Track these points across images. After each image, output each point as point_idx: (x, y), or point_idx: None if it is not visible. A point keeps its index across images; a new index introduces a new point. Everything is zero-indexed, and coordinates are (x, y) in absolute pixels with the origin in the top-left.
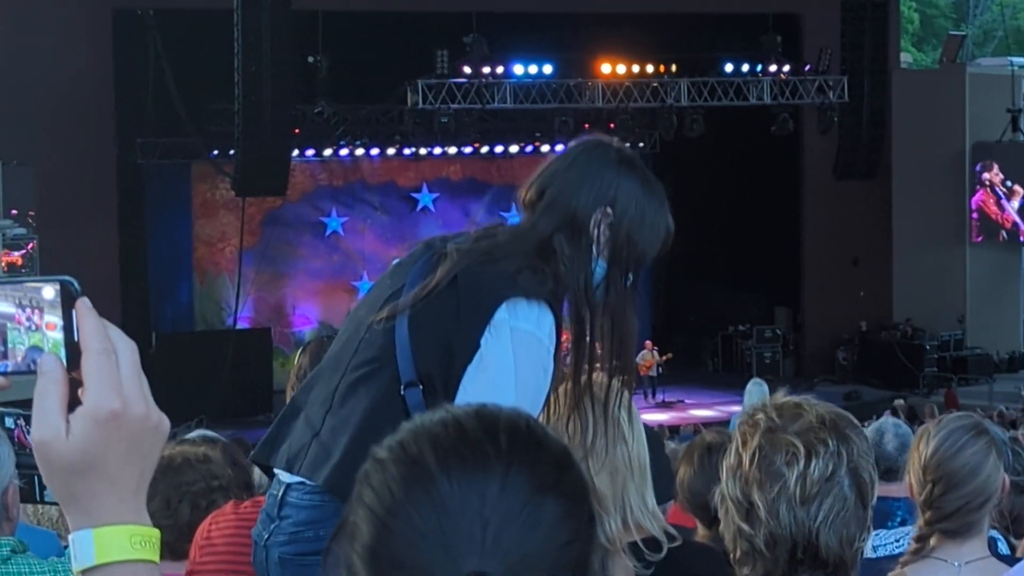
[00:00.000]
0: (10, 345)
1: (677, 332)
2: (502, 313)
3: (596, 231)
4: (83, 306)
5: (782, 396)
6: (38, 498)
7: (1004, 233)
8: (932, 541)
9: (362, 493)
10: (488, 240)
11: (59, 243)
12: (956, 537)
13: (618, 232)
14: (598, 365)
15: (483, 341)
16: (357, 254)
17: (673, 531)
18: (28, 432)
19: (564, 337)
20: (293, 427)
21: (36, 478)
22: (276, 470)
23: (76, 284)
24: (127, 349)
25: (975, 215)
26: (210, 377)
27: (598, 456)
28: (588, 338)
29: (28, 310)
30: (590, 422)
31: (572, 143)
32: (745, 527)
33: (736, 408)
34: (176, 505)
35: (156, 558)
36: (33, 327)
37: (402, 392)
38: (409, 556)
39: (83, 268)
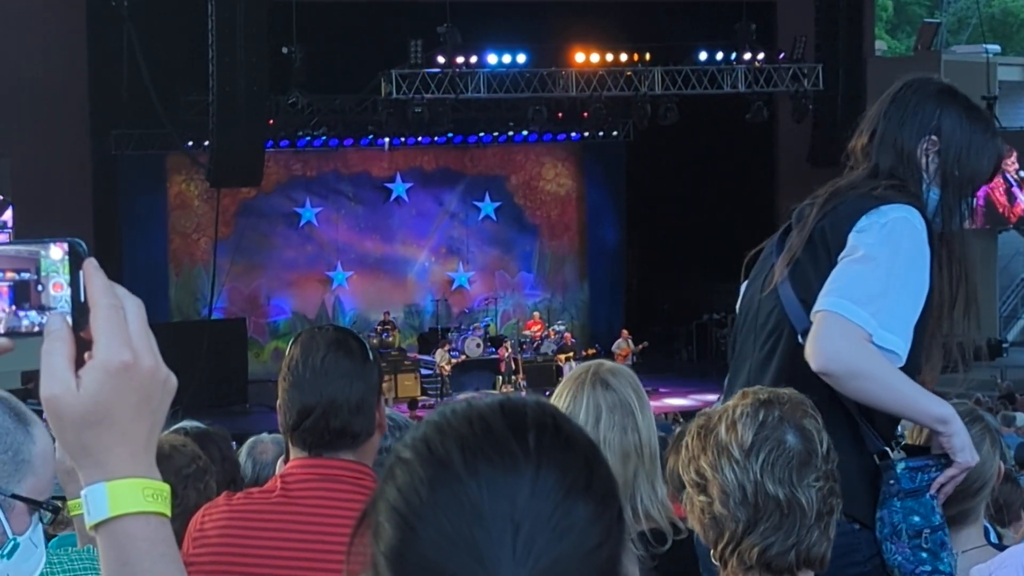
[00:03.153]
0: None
1: (651, 321)
2: (864, 220)
3: (924, 160)
4: (91, 266)
5: None
6: None
7: (1012, 227)
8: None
9: (386, 491)
10: (834, 189)
11: (34, 234)
12: (954, 525)
13: (946, 158)
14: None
15: (849, 239)
16: (331, 244)
17: (680, 523)
18: None
19: None
20: None
21: None
22: None
23: (84, 245)
24: (135, 306)
25: (980, 203)
26: (186, 368)
27: (610, 443)
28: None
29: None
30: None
31: (895, 84)
32: (703, 499)
33: (711, 397)
34: (182, 492)
35: (168, 512)
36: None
37: (801, 341)
38: (438, 562)
39: None
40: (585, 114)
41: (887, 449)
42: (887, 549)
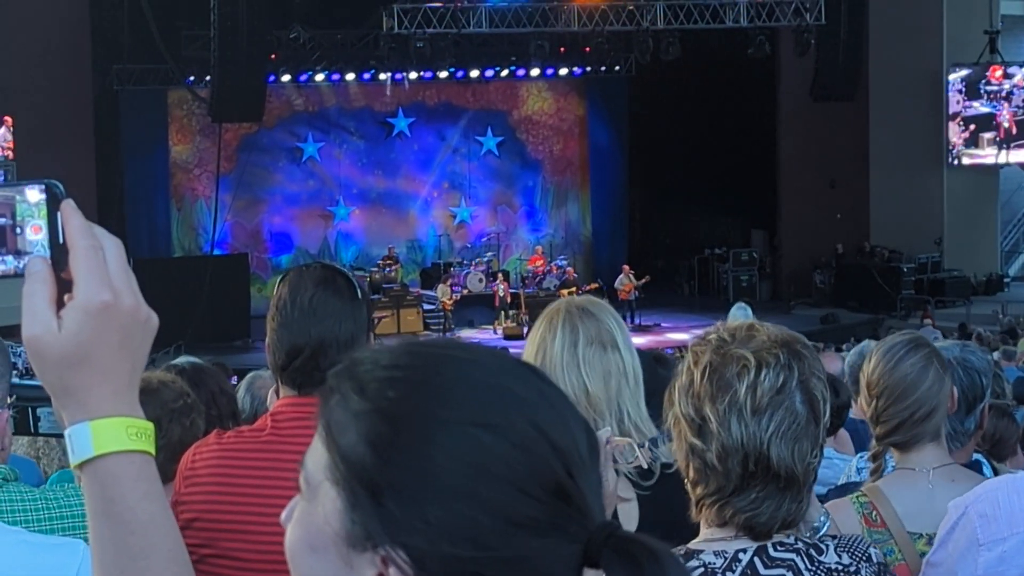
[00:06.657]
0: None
1: (653, 255)
2: None
3: None
4: (68, 207)
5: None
6: (32, 430)
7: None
8: (891, 457)
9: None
10: None
11: (36, 169)
12: (909, 449)
13: None
14: None
15: None
16: (333, 180)
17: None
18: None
19: None
20: None
21: (30, 409)
22: None
23: (61, 186)
24: (113, 245)
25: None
26: (188, 303)
27: (590, 362)
28: None
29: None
30: None
31: None
32: (698, 443)
33: None
34: (167, 425)
35: (152, 450)
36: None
37: None
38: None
39: None
40: (587, 49)
41: None
42: None
